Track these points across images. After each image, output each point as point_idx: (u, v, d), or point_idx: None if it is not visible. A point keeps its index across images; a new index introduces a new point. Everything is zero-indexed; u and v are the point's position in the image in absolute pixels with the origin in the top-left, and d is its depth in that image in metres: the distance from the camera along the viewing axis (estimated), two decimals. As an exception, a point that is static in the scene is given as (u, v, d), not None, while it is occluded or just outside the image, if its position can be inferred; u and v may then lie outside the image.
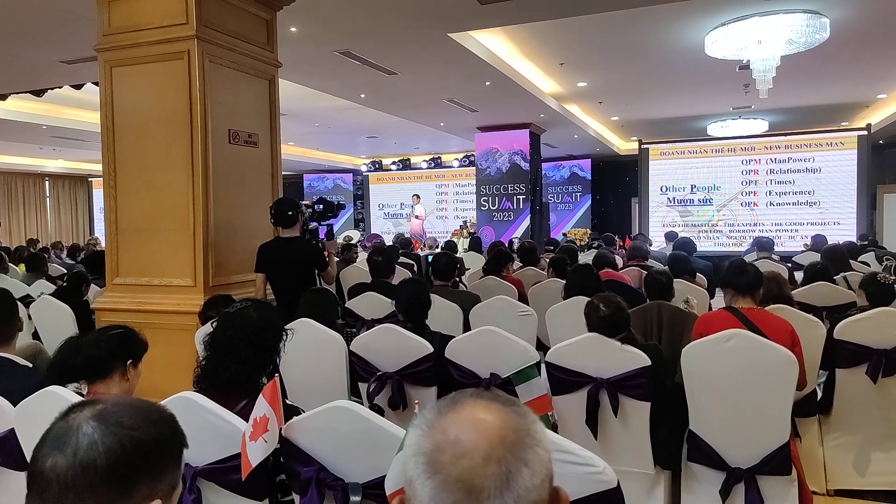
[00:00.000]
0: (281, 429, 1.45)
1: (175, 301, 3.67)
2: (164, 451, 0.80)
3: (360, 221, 17.22)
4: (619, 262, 5.89)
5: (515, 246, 8.02)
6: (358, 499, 1.35)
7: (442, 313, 3.42)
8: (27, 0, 4.54)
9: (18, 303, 2.36)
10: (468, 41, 6.26)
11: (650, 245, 7.81)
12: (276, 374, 1.52)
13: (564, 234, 13.41)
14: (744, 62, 6.54)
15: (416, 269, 6.63)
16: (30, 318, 4.17)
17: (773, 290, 3.12)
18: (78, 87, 7.25)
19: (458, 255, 7.15)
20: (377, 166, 16.77)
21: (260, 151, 4.16)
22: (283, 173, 14.03)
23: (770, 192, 10.85)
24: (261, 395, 1.43)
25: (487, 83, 7.72)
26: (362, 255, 7.86)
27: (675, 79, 8.16)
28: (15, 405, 1.75)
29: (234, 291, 3.53)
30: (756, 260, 5.44)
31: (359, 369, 2.67)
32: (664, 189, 11.50)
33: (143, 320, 3.50)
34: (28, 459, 1.74)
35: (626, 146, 14.53)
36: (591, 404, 2.32)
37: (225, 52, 3.82)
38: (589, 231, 13.70)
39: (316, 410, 1.46)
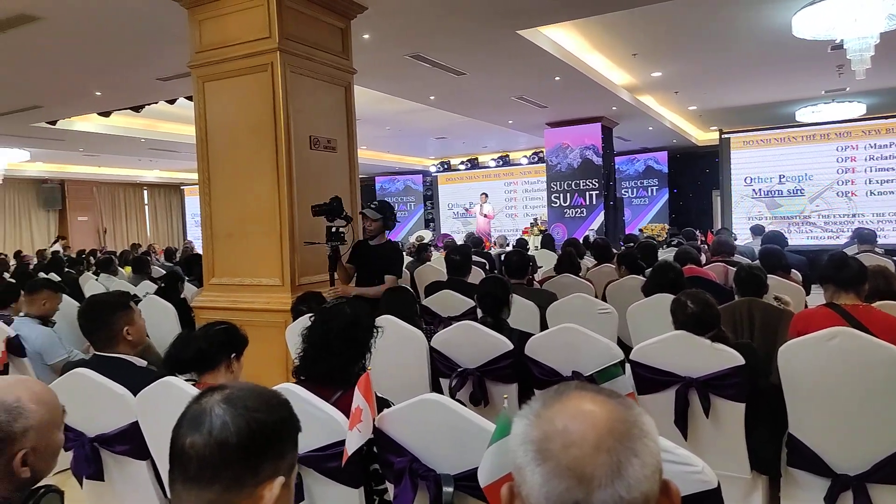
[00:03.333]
0: (374, 420, 1.53)
1: (265, 299, 3.88)
2: (285, 432, 0.88)
3: (431, 221, 17.43)
4: (703, 257, 5.69)
5: (591, 240, 7.90)
6: (451, 490, 1.40)
7: (519, 311, 3.42)
8: (128, 23, 4.91)
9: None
10: (537, 37, 6.23)
11: (735, 239, 7.48)
12: (369, 368, 1.60)
13: (641, 230, 13.04)
14: (836, 42, 6.15)
15: (487, 267, 6.65)
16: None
17: (881, 285, 2.94)
18: (171, 101, 7.77)
19: (529, 253, 7.12)
20: (446, 166, 16.92)
21: (338, 156, 4.32)
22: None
23: (870, 181, 10.13)
24: (356, 387, 1.51)
25: (557, 78, 7.65)
26: (435, 255, 7.99)
27: (759, 63, 7.77)
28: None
29: (321, 289, 3.68)
30: (857, 253, 5.11)
31: (440, 365, 2.74)
32: (749, 180, 10.97)
33: (237, 318, 3.70)
34: (150, 448, 1.92)
35: (705, 136, 13.96)
36: (680, 404, 2.27)
37: (304, 62, 4.00)
38: (667, 226, 13.25)
39: (407, 403, 1.52)
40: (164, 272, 6.78)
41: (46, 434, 1.11)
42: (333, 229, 3.66)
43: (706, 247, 7.24)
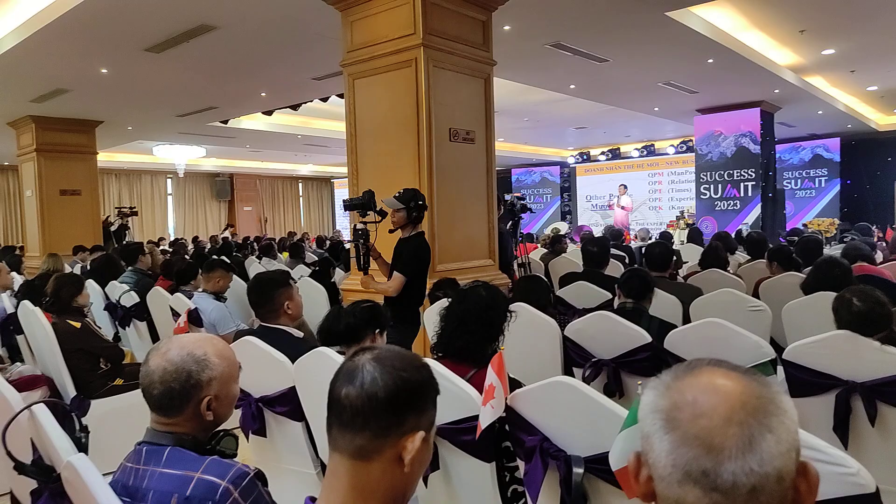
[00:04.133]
0: (507, 398, 1.58)
1: (406, 285, 4.07)
2: (425, 391, 0.96)
3: (567, 214, 17.12)
4: (879, 255, 5.06)
5: (744, 235, 7.32)
6: (580, 471, 1.41)
7: (660, 306, 3.29)
8: (289, 29, 5.37)
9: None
10: (688, 18, 5.87)
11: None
12: (502, 348, 1.65)
13: (805, 225, 11.82)
14: None
15: (627, 261, 6.43)
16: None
17: None
18: (324, 99, 8.37)
19: (673, 247, 6.77)
20: (585, 157, 16.50)
21: (476, 147, 4.41)
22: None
23: None
24: (489, 365, 1.57)
25: (710, 61, 7.16)
26: (570, 247, 7.86)
27: (959, 33, 6.71)
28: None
29: (455, 276, 3.80)
30: None
31: (573, 354, 2.72)
32: (942, 168, 9.52)
33: (380, 300, 3.97)
34: (305, 411, 2.12)
35: (887, 121, 12.31)
36: (841, 410, 2.07)
37: (446, 56, 4.12)
38: (837, 221, 11.87)
39: (540, 383, 1.55)
40: (316, 258, 7.37)
41: (226, 384, 1.30)
42: (359, 227, 3.38)
43: (884, 244, 6.41)
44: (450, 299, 2.07)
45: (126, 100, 7.98)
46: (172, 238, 15.47)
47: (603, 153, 16.00)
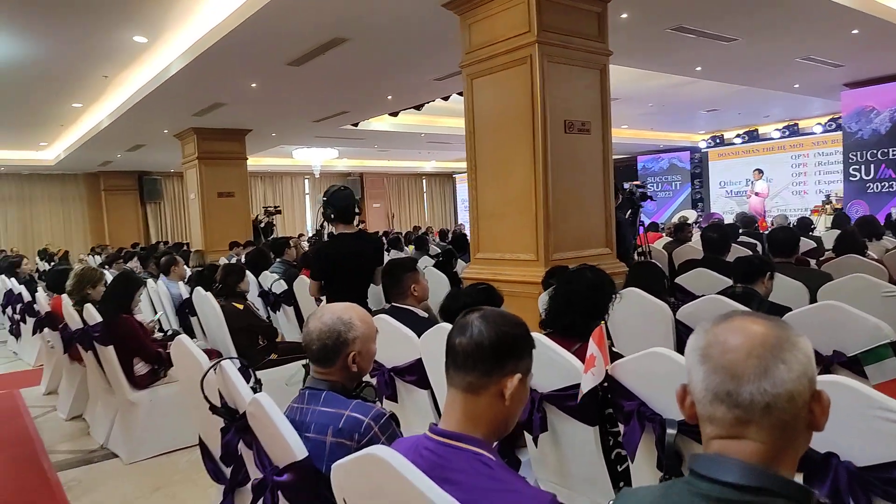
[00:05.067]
0: (607, 368, 1.74)
1: (521, 272, 4.28)
2: (521, 343, 1.18)
3: (699, 202, 16.27)
4: None
5: (894, 218, 6.67)
6: (674, 432, 1.54)
7: (782, 291, 3.22)
8: (412, 35, 5.75)
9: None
10: (824, -12, 5.49)
11: None
12: (602, 323, 1.81)
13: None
14: None
15: (759, 248, 6.13)
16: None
17: None
18: (445, 98, 8.75)
19: (815, 233, 6.35)
20: (718, 141, 15.58)
21: (592, 138, 4.48)
22: (616, 157, 14.16)
23: None
24: (591, 338, 1.74)
25: (854, 31, 6.58)
26: (697, 235, 7.59)
27: None
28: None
29: (571, 265, 3.93)
30: None
31: (685, 337, 2.77)
32: None
33: (497, 288, 4.20)
34: (430, 381, 2.41)
35: None
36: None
37: (560, 51, 4.25)
38: None
39: (637, 354, 1.70)
40: (440, 250, 7.76)
41: (367, 343, 1.60)
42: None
43: None
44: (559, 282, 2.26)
45: (271, 110, 8.88)
46: (310, 233, 16.80)
47: (738, 136, 15.03)
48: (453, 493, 0.98)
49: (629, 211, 5.61)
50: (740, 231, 6.91)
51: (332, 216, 3.46)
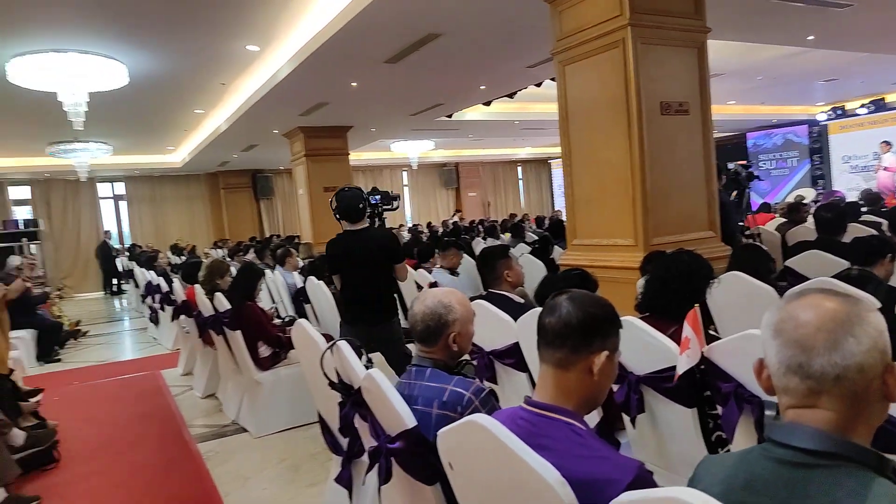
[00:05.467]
0: (703, 350, 1.76)
1: (619, 258, 4.26)
2: (608, 323, 1.26)
3: (819, 179, 15.06)
4: None
5: None
6: (773, 413, 1.55)
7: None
8: (504, 26, 5.80)
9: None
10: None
11: None
12: (696, 305, 1.82)
13: None
14: None
15: (886, 228, 5.65)
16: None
17: None
18: (538, 84, 8.72)
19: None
20: (839, 112, 14.31)
21: (690, 118, 4.35)
22: (723, 134, 13.53)
23: None
24: (685, 320, 1.77)
25: None
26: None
27: None
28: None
29: (671, 249, 3.87)
30: None
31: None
32: None
33: (595, 275, 4.21)
34: (528, 363, 2.52)
35: None
36: None
37: (654, 32, 4.15)
38: None
39: (733, 336, 1.71)
40: (536, 237, 7.79)
41: (466, 324, 1.74)
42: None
43: None
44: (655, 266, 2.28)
45: (370, 106, 9.27)
46: (410, 224, 17.30)
47: (863, 105, 13.73)
48: (547, 457, 1.08)
49: (734, 192, 5.38)
50: (863, 209, 6.40)
51: (338, 216, 3.59)
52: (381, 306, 3.51)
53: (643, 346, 1.94)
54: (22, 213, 15.29)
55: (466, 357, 1.79)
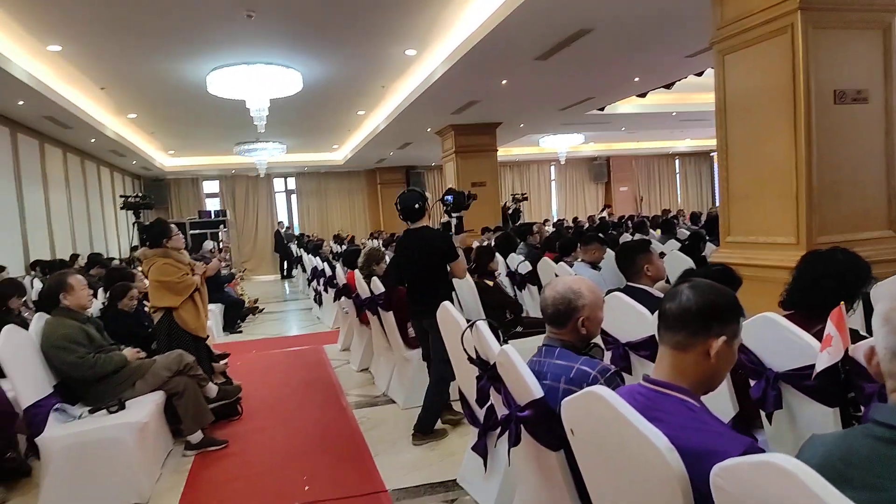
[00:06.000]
0: (847, 349, 1.69)
1: (779, 257, 4.00)
2: (727, 310, 1.30)
3: None
4: None
5: None
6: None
7: None
8: (658, 17, 5.64)
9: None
10: None
11: None
12: (842, 303, 1.74)
13: None
14: None
15: None
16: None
17: None
18: (699, 74, 8.29)
19: None
20: None
21: (869, 107, 3.96)
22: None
23: None
24: (829, 318, 1.71)
25: None
26: None
27: None
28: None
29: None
30: None
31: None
32: None
33: (750, 273, 3.99)
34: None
35: None
36: None
37: (829, 15, 3.83)
38: None
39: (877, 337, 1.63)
40: (688, 234, 7.45)
41: (594, 310, 1.84)
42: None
43: None
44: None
45: (519, 102, 9.42)
46: (556, 219, 17.21)
47: None
48: (659, 428, 1.17)
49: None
50: None
51: (401, 216, 3.80)
52: (431, 301, 3.63)
53: (784, 342, 1.89)
54: (213, 205, 17.57)
55: (596, 341, 1.88)
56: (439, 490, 3.05)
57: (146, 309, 4.76)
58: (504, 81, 7.96)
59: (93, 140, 10.43)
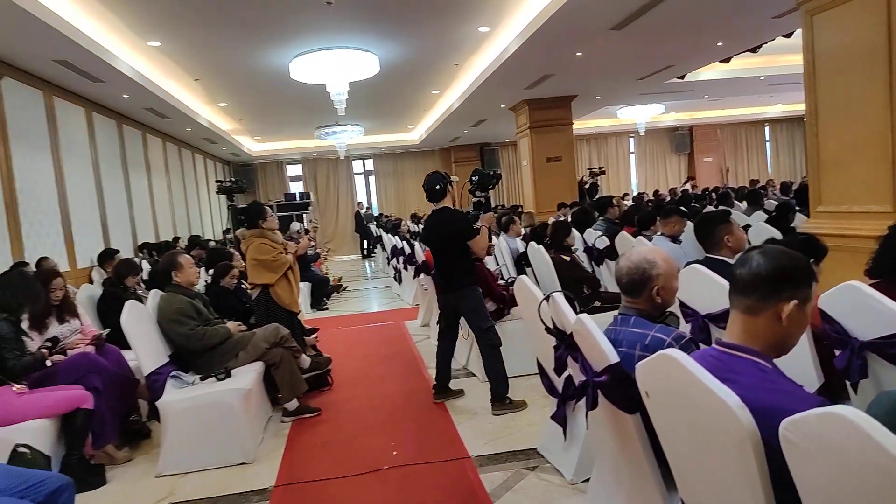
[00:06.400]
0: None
1: (872, 226, 3.80)
2: (798, 274, 1.32)
3: None
4: None
5: None
6: None
7: None
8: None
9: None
10: None
11: None
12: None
13: None
14: None
15: None
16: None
17: None
18: (788, 35, 7.82)
19: None
20: None
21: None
22: None
23: None
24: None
25: None
26: None
27: None
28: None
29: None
30: None
31: None
32: None
33: (843, 244, 3.83)
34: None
35: None
36: None
37: (931, -34, 3.57)
38: None
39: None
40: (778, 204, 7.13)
41: (669, 280, 1.88)
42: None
43: None
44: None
45: (595, 74, 9.23)
46: (635, 193, 16.77)
47: None
48: (732, 388, 1.23)
49: None
50: None
51: (427, 198, 4.09)
52: (452, 277, 3.97)
53: (869, 310, 1.86)
54: (296, 188, 18.33)
55: (671, 310, 1.93)
56: (520, 458, 3.18)
57: (242, 286, 5.15)
58: (579, 53, 7.84)
59: (188, 129, 11.14)
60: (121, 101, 8.41)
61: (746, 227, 5.29)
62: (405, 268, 8.25)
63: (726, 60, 9.39)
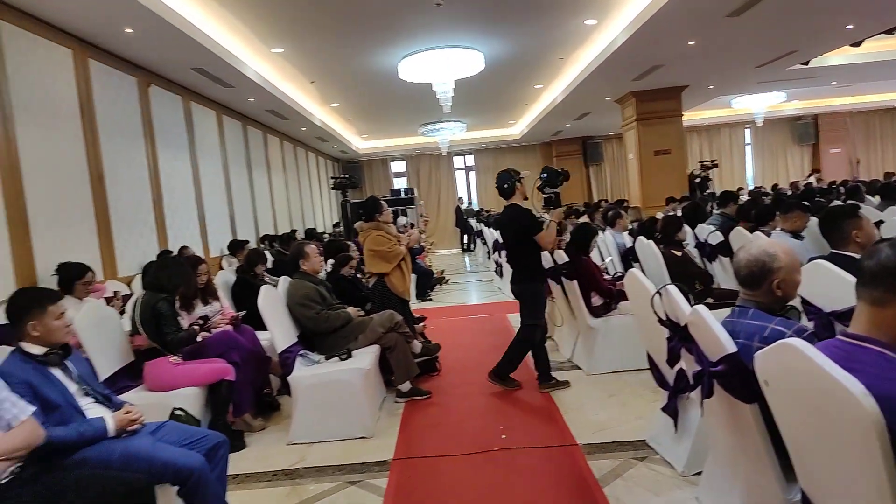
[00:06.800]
0: None
1: None
2: None
3: None
4: None
5: None
6: None
7: None
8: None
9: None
10: None
11: None
12: None
13: None
14: None
15: None
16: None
17: None
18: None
19: None
20: None
21: None
22: None
23: None
24: None
25: None
26: None
27: None
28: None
29: None
30: None
31: None
32: None
33: None
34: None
35: None
36: None
37: None
38: None
39: None
40: (915, 198, 6.54)
41: (790, 273, 1.88)
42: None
43: None
44: None
45: (708, 63, 8.86)
46: (751, 187, 15.83)
47: None
48: (857, 377, 1.25)
49: None
50: None
51: (499, 194, 4.30)
52: (516, 269, 4.27)
53: None
54: (399, 184, 18.94)
55: (793, 303, 1.92)
56: (628, 448, 3.21)
57: (357, 276, 5.50)
58: (691, 42, 7.57)
59: (304, 129, 11.88)
60: (246, 104, 9.14)
61: (879, 224, 4.93)
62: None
63: (857, 44, 8.68)
